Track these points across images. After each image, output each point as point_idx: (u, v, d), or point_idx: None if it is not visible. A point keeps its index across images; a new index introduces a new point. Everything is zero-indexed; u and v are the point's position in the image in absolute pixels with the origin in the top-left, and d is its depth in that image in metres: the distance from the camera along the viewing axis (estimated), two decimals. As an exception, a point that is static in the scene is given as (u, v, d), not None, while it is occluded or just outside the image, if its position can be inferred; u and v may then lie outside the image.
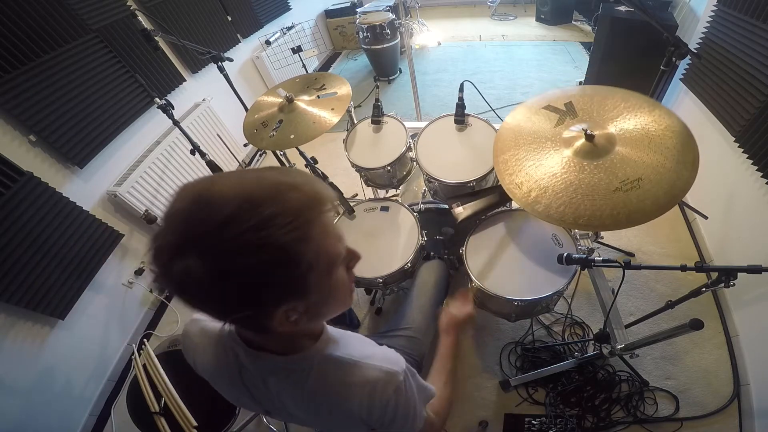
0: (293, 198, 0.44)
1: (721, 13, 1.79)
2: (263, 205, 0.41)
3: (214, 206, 0.41)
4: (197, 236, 0.41)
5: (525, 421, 1.53)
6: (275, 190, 0.43)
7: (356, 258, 0.57)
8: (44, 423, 1.61)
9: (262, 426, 1.67)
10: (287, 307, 0.48)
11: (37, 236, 1.56)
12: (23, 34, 1.58)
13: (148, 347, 1.28)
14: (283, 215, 0.42)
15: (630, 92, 1.12)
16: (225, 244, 0.40)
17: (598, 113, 1.11)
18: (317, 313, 0.54)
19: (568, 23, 4.41)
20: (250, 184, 0.44)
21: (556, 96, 1.20)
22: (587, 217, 0.96)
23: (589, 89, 1.18)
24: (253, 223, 0.40)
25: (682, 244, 2.04)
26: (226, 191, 0.42)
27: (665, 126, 1.02)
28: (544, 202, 1.01)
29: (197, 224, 0.41)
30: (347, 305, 0.59)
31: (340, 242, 0.51)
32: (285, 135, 1.45)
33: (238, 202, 0.41)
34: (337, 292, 0.54)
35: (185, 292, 0.45)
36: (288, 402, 0.63)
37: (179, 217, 0.43)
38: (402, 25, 2.65)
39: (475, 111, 1.58)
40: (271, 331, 0.50)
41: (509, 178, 1.09)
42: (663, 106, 1.06)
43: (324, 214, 0.47)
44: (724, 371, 1.58)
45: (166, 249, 0.42)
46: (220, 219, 0.40)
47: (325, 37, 4.49)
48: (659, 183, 0.93)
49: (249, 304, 0.44)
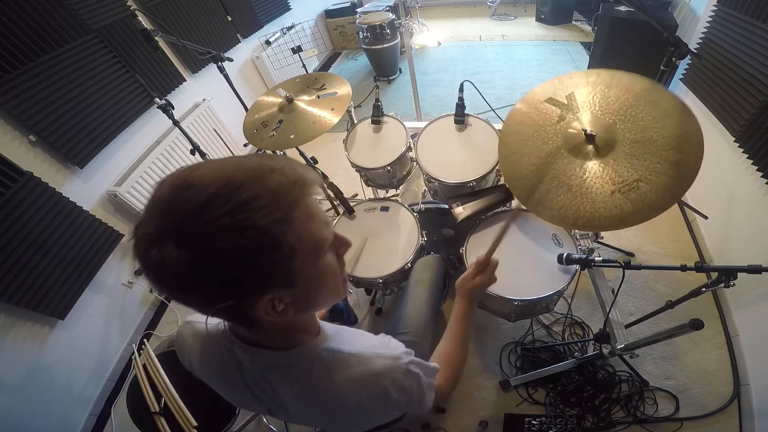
0: (274, 180, 0.42)
1: (721, 13, 1.79)
2: (242, 187, 0.40)
3: (192, 192, 0.40)
4: (173, 223, 0.40)
5: (525, 421, 1.53)
6: (255, 173, 0.42)
7: (346, 245, 0.56)
8: (44, 423, 1.61)
9: (262, 426, 1.67)
10: (272, 296, 0.46)
11: (37, 236, 1.56)
12: (23, 34, 1.58)
13: (148, 347, 1.28)
14: (262, 197, 0.41)
15: (636, 77, 1.06)
16: (201, 229, 0.39)
17: (601, 106, 1.07)
18: (306, 302, 0.52)
19: (568, 23, 4.41)
20: (230, 168, 0.42)
21: (559, 86, 1.15)
22: (586, 218, 0.96)
23: (593, 75, 1.12)
24: (230, 207, 0.39)
25: (682, 244, 2.04)
26: (205, 176, 0.41)
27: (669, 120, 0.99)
28: (553, 206, 1.01)
29: (174, 211, 0.40)
30: (340, 295, 0.58)
31: (326, 227, 0.49)
32: (285, 135, 1.45)
33: (217, 186, 0.40)
34: (325, 280, 0.52)
35: (164, 282, 0.43)
36: (291, 399, 0.63)
37: (157, 205, 0.42)
38: (402, 25, 2.66)
39: (475, 111, 1.58)
40: (260, 323, 0.49)
41: (523, 186, 1.07)
42: (669, 93, 1.02)
43: (307, 196, 0.45)
44: (724, 371, 1.58)
45: (144, 238, 0.41)
46: (197, 204, 0.39)
47: (325, 37, 4.49)
48: (659, 183, 0.93)
49: (230, 293, 0.43)
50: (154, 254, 0.40)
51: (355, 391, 0.58)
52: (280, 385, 0.61)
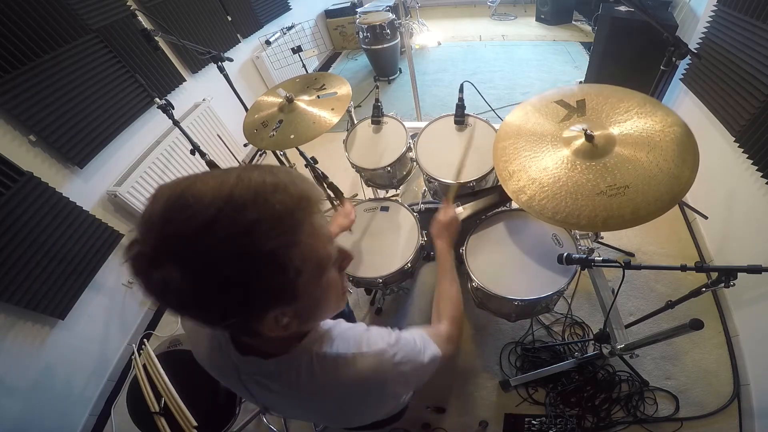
0: (278, 200, 0.40)
1: (721, 13, 1.79)
2: (245, 209, 0.38)
3: (191, 210, 0.38)
4: (173, 244, 0.38)
5: (525, 421, 1.53)
6: (257, 192, 0.40)
7: (348, 258, 0.56)
8: (44, 423, 1.61)
9: (262, 426, 1.67)
10: (276, 313, 0.46)
11: (37, 236, 1.56)
12: (23, 34, 1.58)
13: (148, 347, 1.28)
14: (267, 220, 0.39)
15: (645, 97, 1.11)
16: (204, 252, 0.37)
17: (608, 114, 1.10)
18: (309, 316, 0.53)
19: (568, 23, 4.41)
20: (231, 185, 0.40)
21: (570, 92, 1.19)
22: (566, 213, 0.98)
23: (607, 89, 1.17)
24: (234, 231, 0.37)
25: (682, 244, 2.04)
26: (205, 193, 0.39)
27: (666, 126, 1.01)
28: (535, 196, 1.03)
29: (173, 230, 0.38)
30: (340, 307, 0.58)
31: (329, 244, 0.49)
32: (285, 135, 1.45)
33: (219, 205, 0.38)
34: (328, 294, 0.52)
35: (168, 302, 0.42)
36: (284, 402, 0.63)
37: (154, 222, 0.39)
38: (402, 25, 2.66)
39: (475, 111, 1.58)
40: (262, 335, 0.49)
41: (503, 164, 1.12)
42: (668, 109, 1.06)
43: (312, 215, 0.44)
44: (724, 371, 1.58)
45: (142, 258, 0.39)
46: (198, 224, 0.37)
47: (325, 37, 4.49)
48: (648, 193, 0.94)
49: (234, 312, 0.42)
50: (156, 276, 0.38)
51: (345, 392, 0.58)
52: (273, 388, 0.61)
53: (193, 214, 0.37)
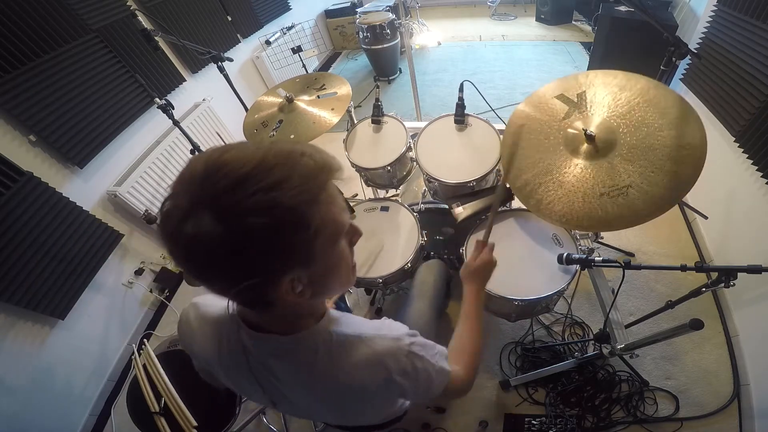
0: (304, 163, 0.45)
1: (721, 13, 1.79)
2: (274, 168, 0.43)
3: (228, 167, 0.42)
4: (211, 195, 0.42)
5: (525, 421, 1.53)
6: (287, 156, 0.45)
7: (358, 234, 0.59)
8: (44, 423, 1.61)
9: (262, 426, 1.67)
10: (293, 275, 0.48)
11: (37, 236, 1.56)
12: (23, 34, 1.58)
13: (148, 347, 1.28)
14: (293, 178, 0.43)
15: (653, 82, 1.05)
16: (236, 204, 0.41)
17: (609, 108, 1.08)
18: (321, 285, 0.54)
19: (568, 23, 4.41)
20: (264, 150, 0.45)
21: (574, 84, 1.16)
22: (583, 218, 0.97)
23: (610, 76, 1.11)
24: (264, 185, 0.42)
25: (682, 244, 2.04)
26: (239, 157, 0.44)
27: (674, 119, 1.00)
28: (534, 193, 1.03)
29: (211, 185, 0.42)
30: (350, 283, 0.61)
31: (345, 213, 0.53)
32: (285, 135, 1.45)
33: (251, 166, 0.43)
34: (340, 264, 0.55)
35: (193, 258, 0.44)
36: (295, 386, 0.63)
37: (192, 179, 0.43)
38: (402, 25, 2.66)
39: (475, 111, 1.58)
40: (276, 304, 0.50)
41: (517, 173, 1.11)
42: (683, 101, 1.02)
43: (331, 184, 0.49)
44: (724, 371, 1.58)
45: (176, 211, 0.43)
46: (233, 180, 0.42)
47: (325, 37, 4.49)
48: (650, 192, 0.93)
49: (256, 269, 0.45)
50: (189, 227, 0.41)
51: (358, 374, 0.59)
52: (284, 372, 0.61)
53: (230, 170, 0.42)
